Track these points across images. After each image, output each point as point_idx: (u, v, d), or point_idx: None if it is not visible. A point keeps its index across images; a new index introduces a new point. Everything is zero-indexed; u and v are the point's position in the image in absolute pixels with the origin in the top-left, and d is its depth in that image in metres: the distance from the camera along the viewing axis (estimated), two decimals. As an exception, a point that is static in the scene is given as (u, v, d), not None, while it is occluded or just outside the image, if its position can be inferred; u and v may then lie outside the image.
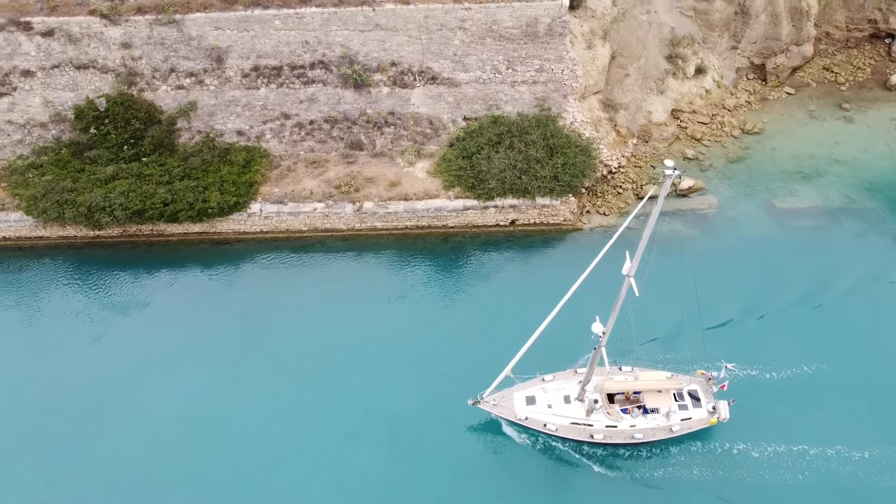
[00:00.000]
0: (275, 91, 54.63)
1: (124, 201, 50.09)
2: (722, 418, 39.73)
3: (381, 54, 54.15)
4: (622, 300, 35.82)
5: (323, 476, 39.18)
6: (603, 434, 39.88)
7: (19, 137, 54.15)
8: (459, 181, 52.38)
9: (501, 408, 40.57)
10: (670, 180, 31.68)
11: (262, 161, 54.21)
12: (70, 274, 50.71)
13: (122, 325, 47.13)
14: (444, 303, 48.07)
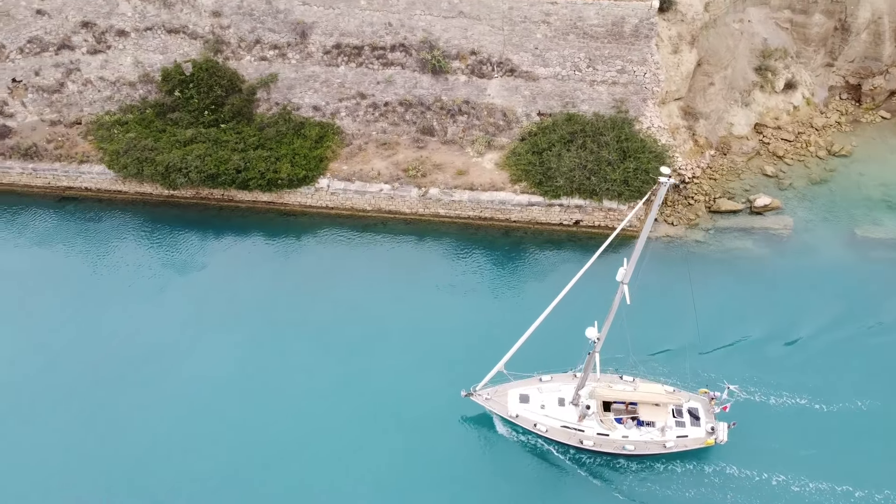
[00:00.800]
0: (353, 70, 55.24)
1: (200, 164, 51.61)
2: (719, 440, 38.48)
3: (462, 42, 54.04)
4: (616, 307, 35.17)
5: (327, 444, 39.84)
6: (593, 441, 39.00)
7: (109, 94, 56.45)
8: (527, 176, 51.91)
9: (494, 402, 40.24)
10: (665, 187, 31.22)
11: (335, 138, 54.97)
12: (141, 229, 52.72)
13: (182, 283, 48.83)
14: (493, 294, 47.82)
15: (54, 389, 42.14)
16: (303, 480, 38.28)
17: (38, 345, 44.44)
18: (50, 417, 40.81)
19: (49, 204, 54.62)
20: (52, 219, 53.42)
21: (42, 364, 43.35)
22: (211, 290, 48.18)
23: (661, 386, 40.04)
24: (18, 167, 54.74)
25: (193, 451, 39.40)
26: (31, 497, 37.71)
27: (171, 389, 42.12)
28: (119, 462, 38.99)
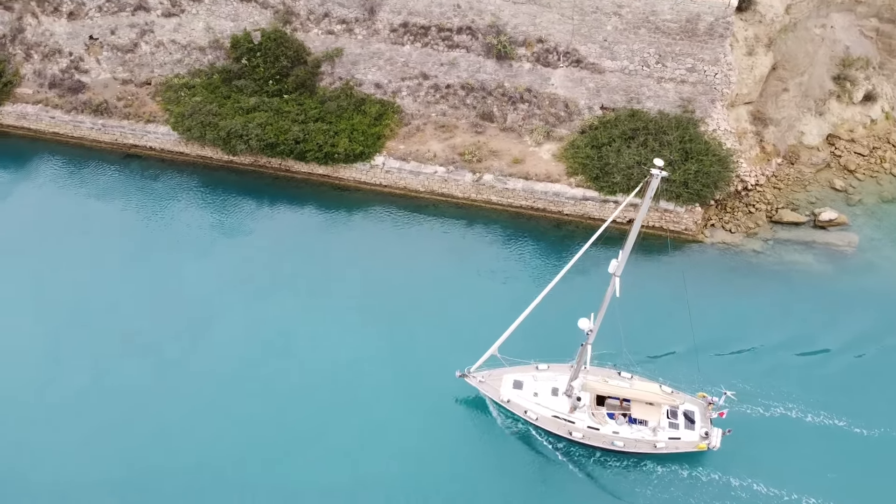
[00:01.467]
0: (418, 50, 55.11)
1: (260, 133, 52.37)
2: (712, 446, 37.85)
3: (530, 29, 53.31)
4: (608, 299, 35.00)
5: (332, 412, 40.81)
6: (582, 434, 38.80)
7: (179, 57, 57.69)
8: (584, 170, 51.08)
9: (487, 386, 40.22)
10: (657, 180, 30.76)
11: (394, 117, 55.04)
12: (198, 190, 53.96)
13: (229, 245, 50.03)
14: (534, 284, 47.10)
15: (89, 332, 44.10)
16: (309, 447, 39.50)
17: (83, 286, 46.62)
18: (82, 358, 42.88)
19: (114, 160, 56.34)
20: (115, 174, 55.15)
21: (81, 306, 45.56)
22: (256, 255, 49.22)
23: (659, 385, 39.60)
24: (89, 122, 56.55)
25: (206, 405, 40.86)
26: (91, 434, 39.56)
27: (202, 347, 43.52)
28: (148, 410, 40.63)
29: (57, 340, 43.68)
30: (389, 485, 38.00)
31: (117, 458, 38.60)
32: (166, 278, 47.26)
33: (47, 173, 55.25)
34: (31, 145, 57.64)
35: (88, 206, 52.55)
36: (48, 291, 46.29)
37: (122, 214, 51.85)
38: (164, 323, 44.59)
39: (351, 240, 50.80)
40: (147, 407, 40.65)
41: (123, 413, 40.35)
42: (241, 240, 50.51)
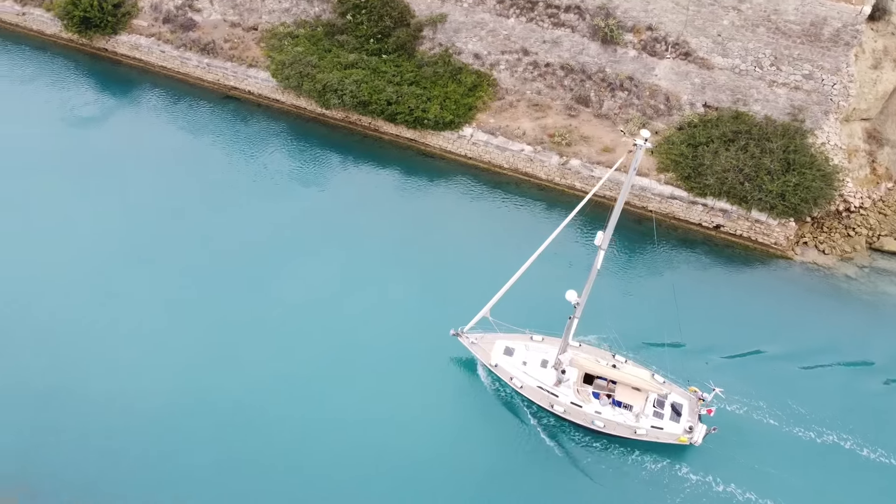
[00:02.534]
0: (522, 24, 54.06)
1: (355, 89, 52.81)
2: (693, 441, 37.19)
3: (641, 15, 51.36)
4: (595, 273, 35.06)
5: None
6: (564, 408, 38.68)
7: (287, 6, 58.67)
8: (676, 167, 49.18)
9: (477, 348, 40.49)
10: (641, 150, 30.62)
11: (488, 90, 54.39)
12: (287, 138, 55.06)
13: (304, 195, 50.85)
14: (598, 279, 46.01)
15: (151, 255, 46.07)
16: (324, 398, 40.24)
17: (157, 211, 48.99)
18: (142, 280, 44.81)
19: (213, 99, 58.15)
20: (212, 112, 56.94)
21: (150, 229, 47.79)
22: (328, 208, 50.01)
23: (651, 374, 38.91)
24: (195, 60, 58.44)
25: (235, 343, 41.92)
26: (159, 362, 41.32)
27: (240, 287, 44.67)
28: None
29: (121, 262, 45.82)
30: (369, 430, 38.69)
31: (170, 380, 40.30)
32: (236, 216, 48.87)
33: (150, 103, 57.65)
34: (140, 75, 60.25)
35: (181, 138, 54.77)
36: (127, 212, 48.83)
37: (210, 150, 53.78)
38: (218, 257, 46.21)
39: (425, 206, 50.85)
40: (183, 334, 42.29)
41: (176, 331, 42.26)
42: (316, 192, 51.33)
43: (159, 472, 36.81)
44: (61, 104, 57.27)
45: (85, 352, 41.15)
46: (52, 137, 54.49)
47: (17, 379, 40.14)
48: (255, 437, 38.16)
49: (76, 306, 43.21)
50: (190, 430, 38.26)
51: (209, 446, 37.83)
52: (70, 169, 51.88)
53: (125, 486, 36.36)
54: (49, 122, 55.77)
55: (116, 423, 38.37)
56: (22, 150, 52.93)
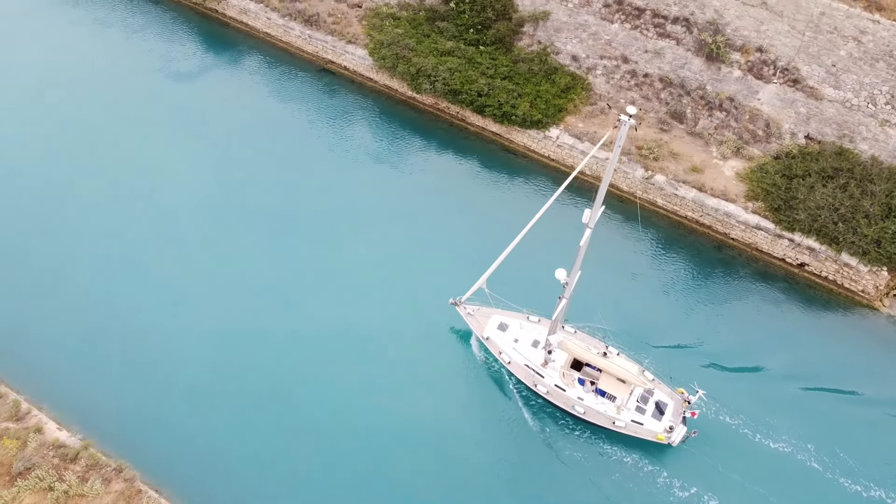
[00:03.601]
0: (626, 31, 52.77)
1: (448, 77, 52.84)
2: (670, 441, 37.11)
3: (752, 35, 49.26)
4: (584, 251, 35.03)
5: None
6: (547, 390, 39.21)
7: (394, -13, 59.26)
8: (766, 197, 47.02)
9: (473, 319, 41.28)
10: (626, 126, 30.03)
11: (581, 93, 53.41)
12: (375, 117, 55.74)
13: (377, 174, 51.64)
14: (663, 294, 44.83)
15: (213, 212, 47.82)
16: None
17: (232, 166, 51.29)
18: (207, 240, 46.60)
19: (309, 70, 59.39)
20: (306, 82, 58.25)
21: (225, 187, 49.89)
22: (401, 188, 50.65)
23: (639, 368, 38.62)
24: (298, 30, 59.79)
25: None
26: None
27: (303, 251, 46.35)
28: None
29: (189, 210, 48.49)
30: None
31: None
32: (307, 181, 50.64)
33: (248, 66, 59.65)
34: (244, 39, 62.17)
35: (271, 102, 56.63)
36: (203, 164, 51.58)
37: (297, 117, 55.44)
38: (279, 217, 48.12)
39: (495, 199, 50.58)
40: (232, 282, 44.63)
41: (229, 277, 44.88)
42: (393, 170, 52.00)
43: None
44: (162, 55, 60.13)
45: (152, 283, 44.53)
46: (147, 85, 57.54)
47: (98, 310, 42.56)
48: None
49: (146, 244, 46.33)
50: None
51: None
52: (159, 116, 54.75)
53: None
54: (147, 70, 58.71)
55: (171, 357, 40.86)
56: (117, 94, 56.20)
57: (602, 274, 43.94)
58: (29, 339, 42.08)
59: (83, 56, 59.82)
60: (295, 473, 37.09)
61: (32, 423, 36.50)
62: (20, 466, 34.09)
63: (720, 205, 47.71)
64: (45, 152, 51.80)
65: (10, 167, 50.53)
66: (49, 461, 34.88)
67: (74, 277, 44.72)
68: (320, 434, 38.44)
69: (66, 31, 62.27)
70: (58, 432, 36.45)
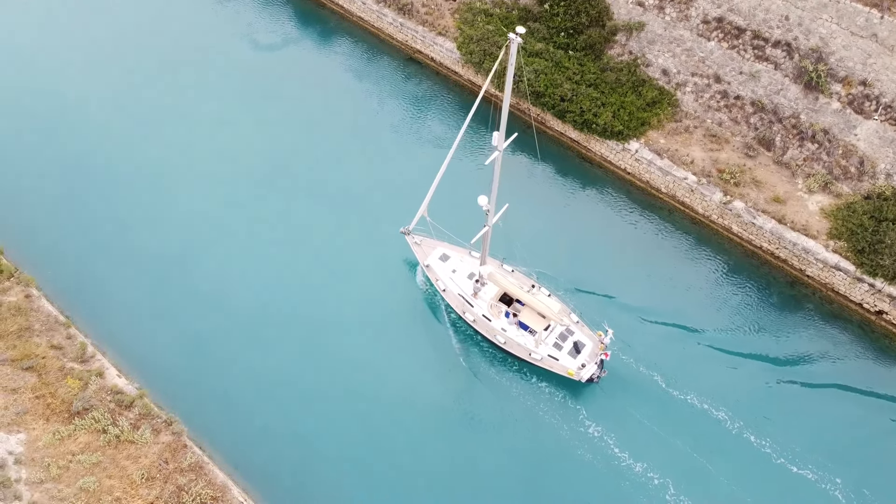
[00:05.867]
0: (722, 50, 51.08)
1: (533, 78, 52.40)
2: (579, 377, 39.42)
3: (857, 67, 46.88)
4: (498, 174, 36.97)
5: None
6: (474, 318, 41.89)
7: (490, -16, 59.11)
8: (850, 237, 44.78)
9: (417, 248, 44.41)
10: (515, 45, 31.48)
11: (667, 109, 52.05)
12: (454, 110, 56.01)
13: (431, 157, 51.82)
14: (738, 333, 43.43)
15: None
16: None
17: (297, 138, 53.89)
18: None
19: (397, 57, 60.01)
20: (391, 68, 59.23)
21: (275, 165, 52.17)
22: (461, 185, 49.37)
23: (562, 307, 41.27)
24: (391, 17, 60.44)
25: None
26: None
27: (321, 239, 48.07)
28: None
29: (248, 175, 50.72)
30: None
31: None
32: (373, 162, 52.41)
33: (337, 47, 61.31)
34: (337, 21, 63.45)
35: (352, 82, 58.32)
36: (270, 131, 54.44)
37: (376, 99, 57.00)
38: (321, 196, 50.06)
39: (571, 207, 50.19)
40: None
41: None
42: (461, 166, 51.55)
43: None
44: (253, 24, 62.89)
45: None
46: (233, 51, 60.53)
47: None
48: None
49: (203, 200, 49.58)
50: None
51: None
52: (237, 81, 57.62)
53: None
54: (234, 37, 61.71)
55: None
56: (201, 58, 59.52)
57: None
58: (102, 287, 44.42)
59: (172, 17, 63.36)
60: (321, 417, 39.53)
61: (95, 367, 38.35)
62: (79, 406, 35.89)
63: (799, 239, 45.73)
64: (118, 110, 55.46)
65: (86, 118, 54.49)
66: (106, 405, 36.59)
67: (156, 236, 47.33)
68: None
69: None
70: (117, 378, 38.18)
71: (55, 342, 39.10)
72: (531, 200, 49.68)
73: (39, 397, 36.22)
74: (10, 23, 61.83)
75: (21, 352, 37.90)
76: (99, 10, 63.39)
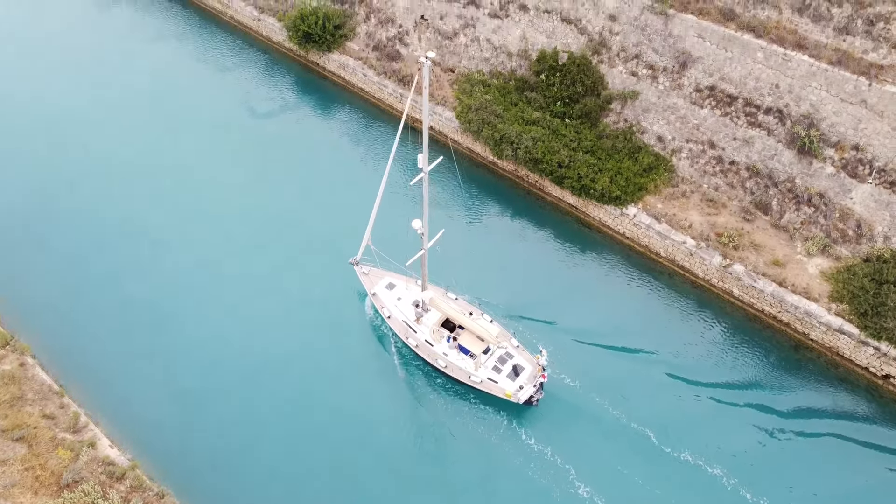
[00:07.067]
0: (716, 117, 52.11)
1: (530, 145, 53.28)
2: (516, 399, 40.43)
3: (849, 132, 47.69)
4: (427, 197, 39.07)
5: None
6: (416, 343, 43.20)
7: (487, 56, 60.80)
8: (852, 300, 44.53)
9: (365, 278, 45.94)
10: (427, 67, 33.41)
11: (664, 174, 52.72)
12: (453, 177, 56.62)
13: (451, 227, 51.81)
14: (725, 385, 42.54)
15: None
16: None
17: (292, 200, 54.84)
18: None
19: (396, 124, 60.48)
20: (389, 135, 60.32)
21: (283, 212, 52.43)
22: (465, 250, 50.84)
23: (501, 331, 42.72)
24: (391, 88, 61.99)
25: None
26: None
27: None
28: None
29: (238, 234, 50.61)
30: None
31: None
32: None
33: (338, 114, 63.12)
34: (338, 91, 65.11)
35: (350, 148, 59.66)
36: (263, 190, 55.81)
37: (372, 164, 57.82)
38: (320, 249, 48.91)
39: (570, 271, 50.34)
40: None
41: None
42: (466, 230, 52.56)
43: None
44: (256, 92, 65.24)
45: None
46: (234, 116, 62.60)
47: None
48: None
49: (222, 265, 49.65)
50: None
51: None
52: (235, 144, 59.51)
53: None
54: (235, 102, 63.83)
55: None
56: (203, 118, 61.78)
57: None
58: (96, 352, 43.87)
59: (178, 83, 65.88)
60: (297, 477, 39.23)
61: (87, 437, 37.54)
62: (69, 478, 34.95)
63: (801, 302, 45.48)
64: (118, 167, 57.09)
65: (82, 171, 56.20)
66: (97, 477, 35.64)
67: (153, 299, 47.36)
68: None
69: (170, 61, 68.62)
70: (109, 449, 37.31)
71: (48, 411, 38.40)
72: (500, 237, 52.31)
73: (29, 469, 35.29)
74: (21, 85, 63.92)
75: (12, 421, 37.18)
76: (105, 73, 66.49)
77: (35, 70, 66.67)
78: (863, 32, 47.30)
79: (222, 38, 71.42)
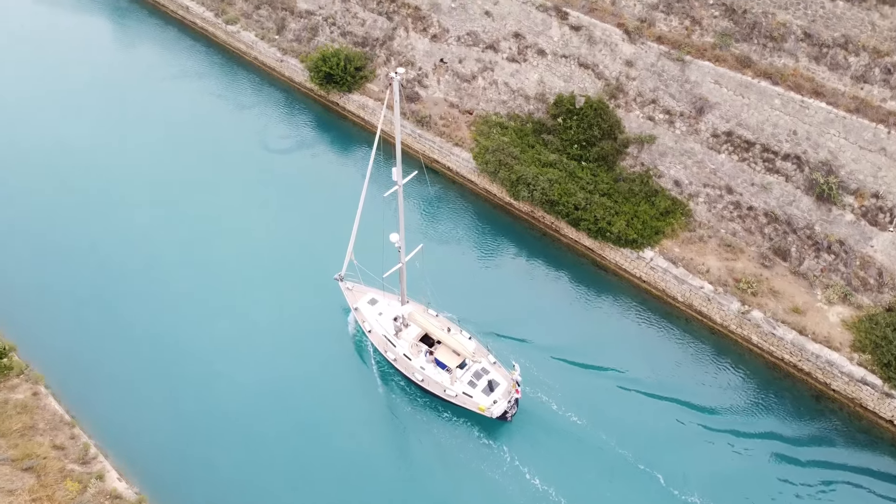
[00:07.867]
0: (733, 162, 52.14)
1: (547, 187, 53.45)
2: (490, 413, 41.24)
3: (868, 180, 47.49)
4: (402, 209, 40.93)
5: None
6: (395, 357, 44.17)
7: (504, 99, 61.54)
8: (875, 350, 43.71)
9: (349, 293, 46.98)
10: (396, 83, 34.88)
11: (681, 219, 52.58)
12: (468, 217, 57.11)
13: (463, 264, 52.89)
14: (742, 436, 41.54)
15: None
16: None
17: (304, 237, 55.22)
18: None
19: (413, 165, 60.97)
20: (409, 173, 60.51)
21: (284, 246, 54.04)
22: (478, 290, 50.82)
23: (477, 346, 43.70)
24: (410, 128, 62.72)
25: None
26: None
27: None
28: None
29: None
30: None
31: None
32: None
33: (356, 153, 63.83)
34: (358, 131, 65.89)
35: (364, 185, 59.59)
36: (273, 229, 56.40)
37: (382, 199, 57.95)
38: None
39: (582, 315, 49.93)
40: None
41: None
42: (481, 271, 52.59)
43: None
44: (274, 127, 66.52)
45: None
46: (251, 149, 63.78)
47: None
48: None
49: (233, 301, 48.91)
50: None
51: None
52: (249, 175, 60.78)
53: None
54: (251, 140, 65.08)
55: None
56: (221, 150, 63.32)
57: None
58: (108, 386, 43.77)
59: (197, 118, 67.38)
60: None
61: (96, 469, 37.21)
62: (75, 511, 34.56)
63: (822, 351, 44.68)
64: (128, 197, 58.29)
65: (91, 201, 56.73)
66: (103, 510, 35.21)
67: (161, 332, 47.31)
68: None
69: (189, 98, 70.16)
70: (117, 482, 36.92)
71: (58, 442, 38.18)
72: (516, 278, 52.42)
73: (36, 500, 34.92)
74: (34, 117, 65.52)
75: (22, 451, 36.96)
76: (124, 109, 68.33)
77: (60, 105, 68.17)
78: (880, 81, 47.49)
79: (245, 76, 72.94)
